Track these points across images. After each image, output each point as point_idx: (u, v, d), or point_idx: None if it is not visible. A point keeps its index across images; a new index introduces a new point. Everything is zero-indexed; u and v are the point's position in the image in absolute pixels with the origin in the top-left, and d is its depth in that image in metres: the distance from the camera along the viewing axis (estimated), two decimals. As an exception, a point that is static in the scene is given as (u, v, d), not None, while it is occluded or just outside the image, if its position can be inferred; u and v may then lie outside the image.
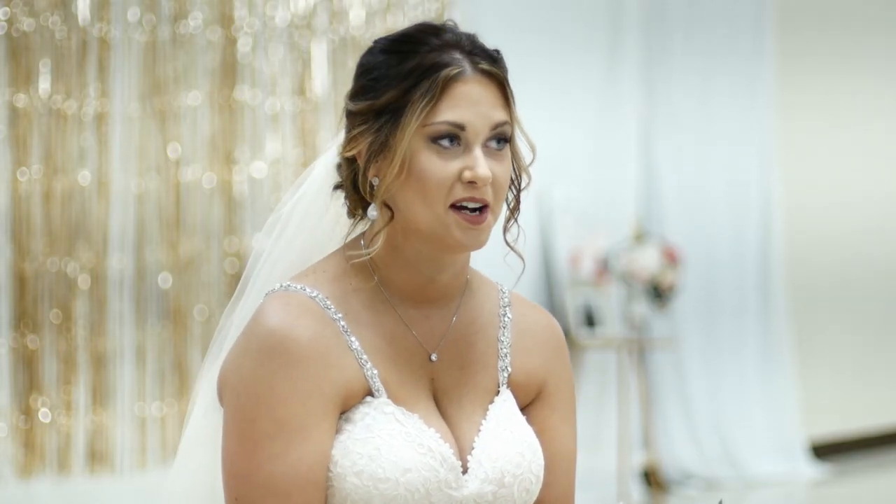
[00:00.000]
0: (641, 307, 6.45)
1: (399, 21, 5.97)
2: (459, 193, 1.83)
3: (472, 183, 1.82)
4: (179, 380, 5.50)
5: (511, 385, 1.96)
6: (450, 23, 1.88)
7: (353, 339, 1.85)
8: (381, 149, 1.83)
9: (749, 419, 7.17)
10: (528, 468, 1.89)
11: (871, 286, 8.05)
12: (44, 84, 5.19)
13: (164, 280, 5.47)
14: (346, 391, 1.83)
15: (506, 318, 1.97)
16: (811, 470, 7.23)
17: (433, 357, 1.90)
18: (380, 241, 1.85)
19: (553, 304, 6.43)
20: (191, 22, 5.46)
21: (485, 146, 1.84)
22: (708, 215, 7.11)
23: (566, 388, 2.00)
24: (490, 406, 1.92)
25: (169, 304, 5.48)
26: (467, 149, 1.84)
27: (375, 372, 1.85)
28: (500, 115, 1.85)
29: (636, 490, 6.55)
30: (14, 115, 5.15)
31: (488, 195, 1.84)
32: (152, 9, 5.37)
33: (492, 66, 1.86)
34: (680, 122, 7.00)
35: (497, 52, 1.89)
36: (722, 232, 7.18)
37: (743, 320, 7.23)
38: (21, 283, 5.18)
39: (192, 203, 5.52)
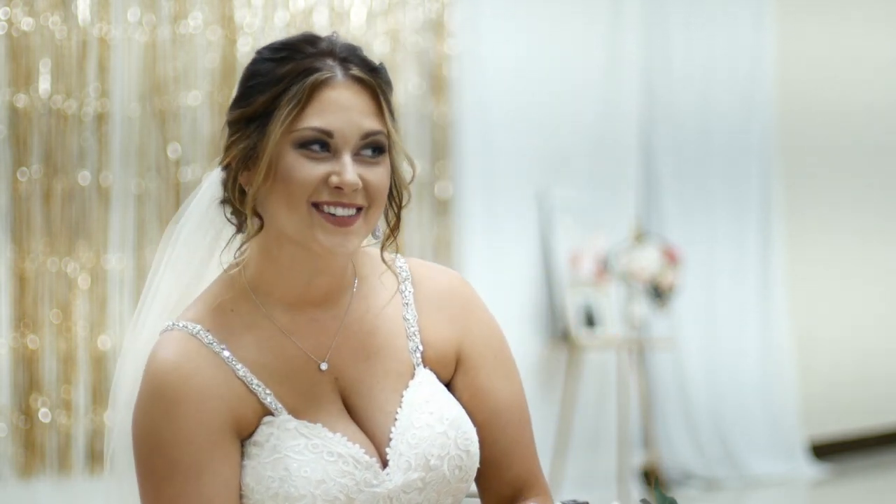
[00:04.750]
0: (641, 307, 6.45)
1: (399, 21, 5.97)
2: (325, 196, 1.80)
3: (338, 189, 1.79)
4: (179, 380, 5.50)
5: (429, 362, 1.92)
6: (334, 34, 1.86)
7: (238, 366, 1.84)
8: (249, 155, 1.81)
9: (749, 419, 7.17)
10: (455, 445, 1.86)
11: (875, 286, 8.05)
12: (44, 84, 5.19)
13: (164, 280, 5.46)
14: (234, 418, 1.82)
15: (407, 294, 1.94)
16: (811, 470, 7.23)
17: (322, 366, 1.87)
18: (248, 250, 1.84)
19: (553, 305, 6.44)
20: (191, 22, 5.46)
21: (357, 154, 1.81)
22: (708, 215, 7.11)
23: (483, 343, 1.95)
24: (404, 392, 1.89)
25: (169, 304, 5.47)
26: (336, 155, 1.81)
27: (269, 392, 1.84)
28: (371, 123, 1.82)
29: (636, 490, 6.55)
30: (14, 115, 5.14)
31: (358, 200, 1.80)
32: (152, 9, 5.37)
33: (365, 74, 1.83)
34: (680, 121, 7.00)
35: (380, 64, 1.86)
36: (722, 231, 7.18)
37: (743, 320, 7.23)
38: (21, 283, 5.18)
39: (192, 203, 5.51)
